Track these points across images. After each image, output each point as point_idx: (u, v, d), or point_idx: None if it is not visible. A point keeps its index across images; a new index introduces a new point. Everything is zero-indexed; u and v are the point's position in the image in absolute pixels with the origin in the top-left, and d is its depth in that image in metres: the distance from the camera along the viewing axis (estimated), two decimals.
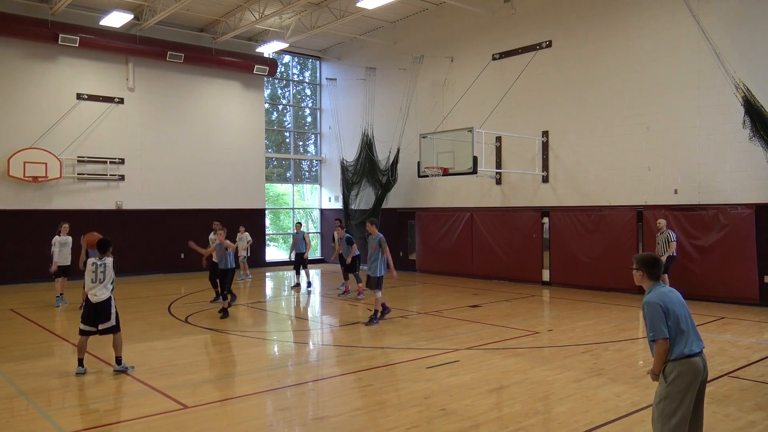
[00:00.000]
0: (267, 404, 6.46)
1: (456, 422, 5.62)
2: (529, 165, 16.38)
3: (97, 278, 7.46)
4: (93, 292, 7.43)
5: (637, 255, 4.48)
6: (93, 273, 7.47)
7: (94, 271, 7.47)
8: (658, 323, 4.09)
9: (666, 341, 4.07)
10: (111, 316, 7.49)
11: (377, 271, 10.70)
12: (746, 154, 12.27)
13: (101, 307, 7.44)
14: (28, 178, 17.08)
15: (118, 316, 7.59)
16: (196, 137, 20.61)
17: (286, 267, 20.55)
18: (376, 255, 10.73)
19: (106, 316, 7.47)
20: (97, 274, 7.46)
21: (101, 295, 7.43)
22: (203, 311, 12.27)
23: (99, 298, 7.42)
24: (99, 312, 7.45)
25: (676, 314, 4.13)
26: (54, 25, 17.34)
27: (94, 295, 7.42)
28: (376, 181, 20.38)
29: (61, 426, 5.61)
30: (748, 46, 12.32)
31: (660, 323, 4.08)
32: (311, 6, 17.87)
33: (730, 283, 12.53)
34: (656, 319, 4.10)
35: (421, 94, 19.43)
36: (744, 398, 6.28)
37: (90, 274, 7.49)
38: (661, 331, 4.07)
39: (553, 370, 7.49)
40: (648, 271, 4.30)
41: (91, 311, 7.47)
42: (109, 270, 7.50)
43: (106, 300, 7.48)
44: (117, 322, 7.56)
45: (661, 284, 4.30)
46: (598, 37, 14.91)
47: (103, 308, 7.45)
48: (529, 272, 16.28)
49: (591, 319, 11.11)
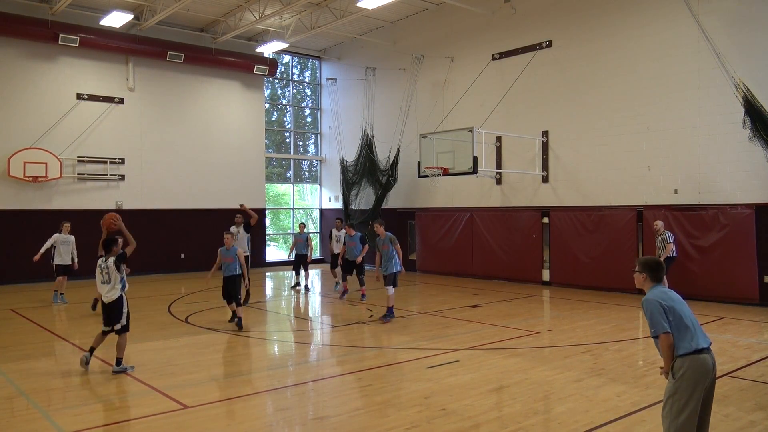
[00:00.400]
0: (267, 404, 6.46)
1: (456, 422, 5.62)
2: (529, 165, 16.38)
3: (104, 279, 7.50)
4: (102, 292, 7.53)
5: (640, 258, 4.50)
6: (99, 274, 7.53)
7: (100, 272, 7.52)
8: (657, 318, 4.12)
9: (668, 335, 4.09)
10: (122, 316, 7.53)
11: (391, 269, 11.04)
12: (746, 154, 12.27)
13: (112, 306, 7.50)
14: (28, 178, 17.07)
15: (128, 316, 7.62)
16: (196, 137, 20.61)
17: (286, 267, 20.55)
18: (391, 254, 11.04)
19: (118, 316, 7.52)
20: (102, 275, 7.51)
21: (111, 296, 7.48)
22: (203, 311, 12.27)
23: (109, 298, 7.48)
24: (110, 312, 7.53)
25: (677, 310, 4.15)
26: (54, 25, 17.33)
27: (104, 295, 7.51)
28: (376, 181, 20.38)
29: (61, 426, 5.61)
30: (748, 46, 12.32)
31: (660, 318, 4.11)
32: (311, 6, 17.87)
33: (730, 283, 12.53)
34: (655, 314, 4.13)
35: (421, 94, 19.43)
36: (744, 398, 6.28)
37: (97, 275, 7.55)
38: (661, 325, 4.10)
39: (553, 370, 7.49)
40: (651, 274, 4.33)
41: (104, 311, 7.58)
42: (112, 270, 7.45)
43: (117, 300, 7.51)
44: (127, 322, 7.60)
45: (661, 286, 4.33)
46: (598, 37, 14.91)
47: (113, 308, 7.51)
48: (529, 272, 16.28)
49: (591, 319, 11.11)
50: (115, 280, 7.46)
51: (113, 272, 7.46)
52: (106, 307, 7.53)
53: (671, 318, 4.12)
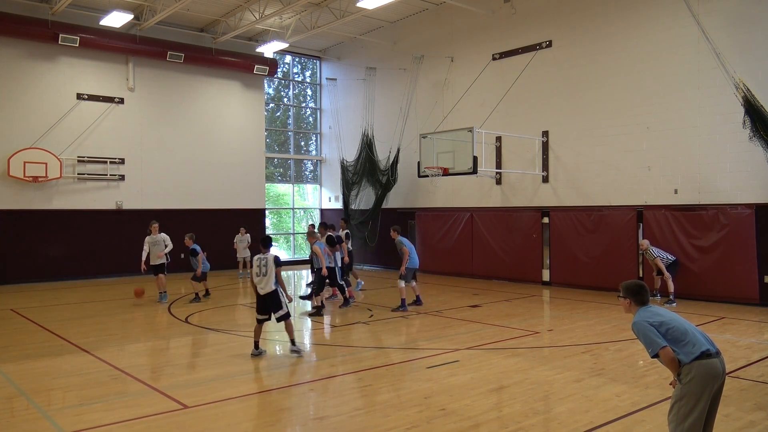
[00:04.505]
0: (267, 404, 6.46)
1: (456, 422, 5.62)
2: (529, 165, 16.38)
3: (261, 272, 8.22)
4: (258, 285, 8.24)
5: (623, 283, 4.50)
6: (257, 267, 8.26)
7: (258, 265, 8.25)
8: (651, 337, 4.16)
9: (666, 349, 4.11)
10: (282, 305, 8.30)
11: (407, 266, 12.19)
12: (746, 154, 12.27)
13: (269, 297, 8.23)
14: (28, 178, 17.08)
15: (287, 304, 8.37)
16: (196, 137, 20.61)
17: (286, 267, 20.54)
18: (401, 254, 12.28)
19: (277, 305, 8.27)
20: (260, 268, 8.23)
21: (266, 288, 8.22)
22: (203, 311, 12.27)
23: (265, 290, 8.23)
24: (267, 302, 8.25)
25: (666, 323, 4.18)
26: (54, 25, 17.34)
27: (261, 288, 8.23)
28: (376, 181, 20.37)
29: (61, 426, 5.62)
30: (748, 46, 12.31)
31: (652, 336, 4.15)
32: (311, 6, 17.88)
33: (730, 283, 12.52)
34: (648, 334, 4.17)
35: (421, 94, 19.43)
36: (744, 398, 6.28)
37: (255, 268, 8.29)
38: (656, 343, 4.13)
39: (553, 370, 7.49)
40: (634, 298, 4.39)
41: (260, 302, 8.30)
42: (270, 265, 8.19)
43: (272, 292, 8.24)
44: (288, 309, 8.39)
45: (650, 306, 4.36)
46: (598, 37, 14.91)
47: (271, 299, 8.23)
48: (529, 272, 16.28)
49: (591, 319, 11.11)
50: (270, 274, 8.19)
51: (270, 267, 8.19)
52: (262, 298, 8.26)
53: (663, 332, 4.15)
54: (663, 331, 4.14)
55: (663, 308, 4.38)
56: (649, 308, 4.33)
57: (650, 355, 4.20)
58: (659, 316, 4.23)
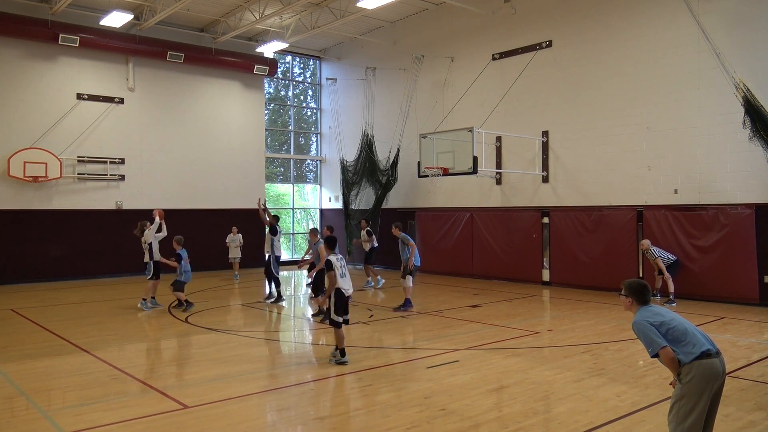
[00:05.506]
0: (267, 404, 6.46)
1: (456, 422, 5.62)
2: (529, 165, 16.38)
3: (343, 273, 7.87)
4: (343, 286, 7.85)
5: (625, 281, 4.49)
6: (339, 268, 7.88)
7: (340, 266, 7.89)
8: (650, 337, 4.15)
9: (666, 349, 4.10)
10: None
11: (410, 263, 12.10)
12: (746, 154, 12.27)
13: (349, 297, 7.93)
14: (28, 178, 17.07)
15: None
16: (196, 137, 20.61)
17: (286, 267, 20.53)
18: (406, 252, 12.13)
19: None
20: (342, 269, 7.89)
21: (350, 289, 7.93)
22: (203, 311, 12.27)
23: (349, 292, 7.89)
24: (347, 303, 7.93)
25: (666, 323, 4.18)
26: (54, 25, 17.34)
27: (346, 289, 7.86)
28: (376, 181, 20.37)
29: (61, 426, 5.62)
30: (748, 46, 12.32)
31: (653, 336, 4.14)
32: (311, 6, 17.88)
33: (730, 283, 12.52)
34: (648, 334, 4.17)
35: (421, 94, 19.43)
36: (744, 398, 6.28)
37: (337, 270, 7.86)
38: (656, 343, 4.12)
39: (553, 370, 7.49)
40: (636, 297, 4.38)
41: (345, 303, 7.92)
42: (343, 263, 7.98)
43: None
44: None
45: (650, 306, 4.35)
46: (598, 37, 14.91)
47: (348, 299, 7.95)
48: (529, 272, 16.28)
49: (591, 319, 11.11)
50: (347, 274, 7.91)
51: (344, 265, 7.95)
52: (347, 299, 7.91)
53: (663, 332, 4.14)
54: (663, 331, 4.14)
55: (664, 308, 4.38)
56: (650, 308, 4.32)
57: (650, 355, 4.20)
58: (660, 315, 4.22)
